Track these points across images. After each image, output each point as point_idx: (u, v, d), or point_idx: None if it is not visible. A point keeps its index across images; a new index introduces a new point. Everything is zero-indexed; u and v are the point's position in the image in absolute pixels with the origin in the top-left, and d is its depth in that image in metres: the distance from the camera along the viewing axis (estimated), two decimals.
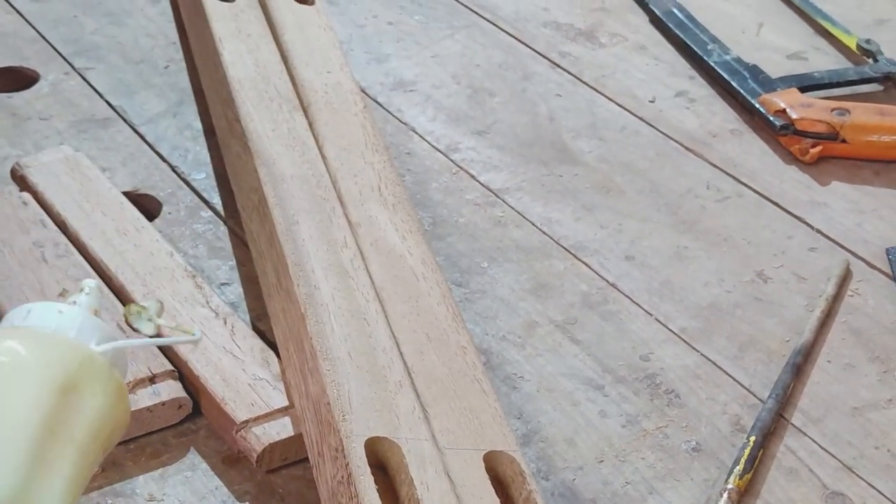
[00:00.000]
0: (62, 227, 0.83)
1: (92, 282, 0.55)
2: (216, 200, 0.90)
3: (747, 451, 0.71)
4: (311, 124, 0.86)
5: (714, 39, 1.08)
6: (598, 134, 0.99)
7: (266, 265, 0.77)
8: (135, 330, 0.64)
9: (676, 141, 0.99)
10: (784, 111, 0.97)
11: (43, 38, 1.07)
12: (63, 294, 0.60)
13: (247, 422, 0.70)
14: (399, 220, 0.77)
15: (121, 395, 0.54)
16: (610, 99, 1.03)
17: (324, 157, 0.82)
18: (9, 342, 0.51)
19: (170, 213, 0.89)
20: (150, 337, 0.64)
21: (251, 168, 0.81)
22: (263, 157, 0.81)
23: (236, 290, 0.82)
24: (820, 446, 0.73)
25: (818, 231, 0.90)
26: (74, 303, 0.56)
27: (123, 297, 0.78)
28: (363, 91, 1.01)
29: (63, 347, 0.52)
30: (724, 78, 1.03)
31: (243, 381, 0.72)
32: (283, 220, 0.76)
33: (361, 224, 0.77)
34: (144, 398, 0.71)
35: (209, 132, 0.96)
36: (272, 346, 0.75)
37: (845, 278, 0.85)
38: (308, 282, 0.71)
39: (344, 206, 0.78)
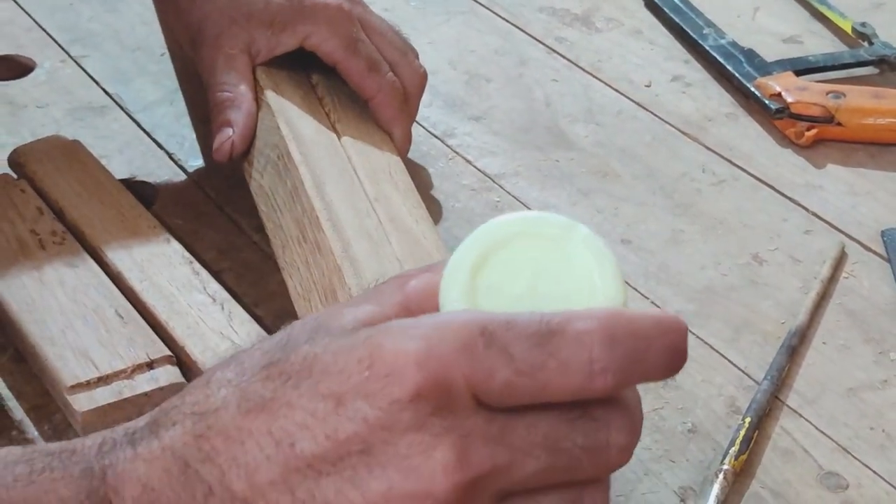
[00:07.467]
0: (60, 214, 0.83)
1: None
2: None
3: (742, 433, 0.72)
4: (322, 104, 0.85)
5: (709, 23, 1.08)
6: (595, 119, 1.00)
7: (283, 218, 0.77)
8: None
9: (672, 125, 0.99)
10: (779, 95, 0.97)
11: (39, 26, 1.07)
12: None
13: None
14: (411, 206, 0.78)
15: None
16: (606, 84, 1.04)
17: (336, 133, 0.82)
18: None
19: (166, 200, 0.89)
20: None
21: (270, 125, 0.81)
22: (285, 116, 0.80)
23: (233, 276, 0.82)
24: (815, 427, 0.74)
25: (813, 214, 0.90)
26: None
27: (120, 284, 0.78)
28: None
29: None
30: (719, 62, 1.03)
31: None
32: (311, 176, 0.75)
33: (379, 200, 0.77)
34: (142, 384, 0.71)
35: (206, 119, 0.96)
36: (269, 330, 0.75)
37: (840, 260, 0.86)
38: (342, 236, 0.71)
39: (361, 182, 0.78)
